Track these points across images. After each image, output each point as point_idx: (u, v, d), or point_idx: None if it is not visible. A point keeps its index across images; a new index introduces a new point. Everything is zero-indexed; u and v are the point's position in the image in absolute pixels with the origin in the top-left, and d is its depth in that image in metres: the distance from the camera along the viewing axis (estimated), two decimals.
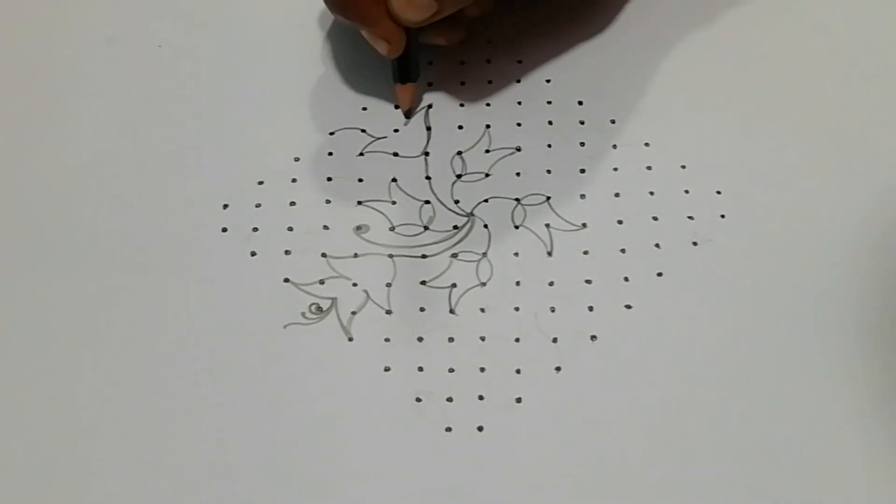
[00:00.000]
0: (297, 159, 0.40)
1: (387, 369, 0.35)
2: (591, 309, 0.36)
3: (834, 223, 0.38)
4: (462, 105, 0.41)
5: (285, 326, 0.35)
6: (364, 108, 0.41)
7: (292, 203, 0.38)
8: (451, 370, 0.35)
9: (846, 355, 0.35)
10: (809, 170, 0.40)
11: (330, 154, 0.40)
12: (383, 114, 0.41)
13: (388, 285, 0.37)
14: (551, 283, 0.37)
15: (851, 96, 0.42)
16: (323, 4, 0.39)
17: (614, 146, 0.40)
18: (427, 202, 0.39)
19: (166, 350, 0.35)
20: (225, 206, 0.38)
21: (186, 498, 0.32)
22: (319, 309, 0.36)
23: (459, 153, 0.40)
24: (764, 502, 0.32)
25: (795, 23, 0.44)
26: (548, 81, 0.42)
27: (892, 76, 0.43)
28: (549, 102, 0.41)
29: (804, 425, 0.34)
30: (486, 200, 0.39)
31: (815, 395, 0.34)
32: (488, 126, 0.41)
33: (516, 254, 0.37)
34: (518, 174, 0.39)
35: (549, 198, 0.39)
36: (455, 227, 0.38)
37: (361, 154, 0.40)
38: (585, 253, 0.37)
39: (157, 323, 0.35)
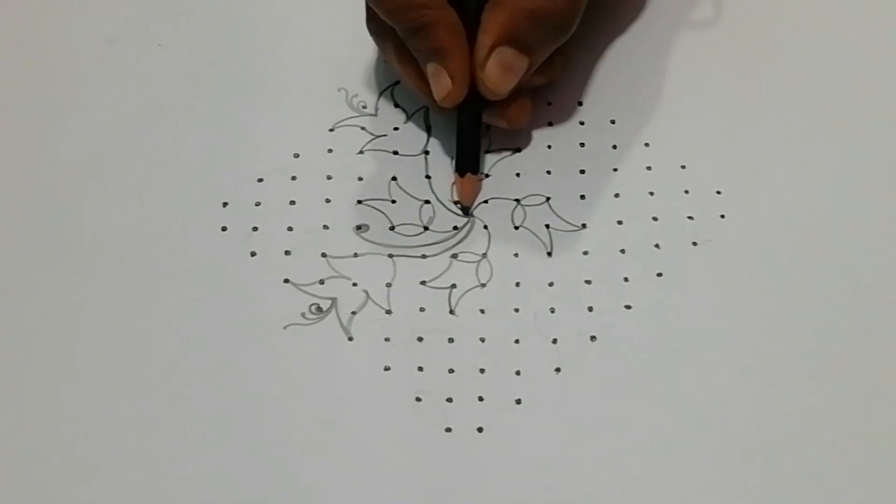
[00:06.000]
0: (296, 155, 0.40)
1: (387, 369, 0.35)
2: (590, 310, 0.36)
3: (834, 223, 0.38)
4: None
5: (285, 327, 0.35)
6: (364, 106, 0.41)
7: (292, 202, 0.38)
8: (451, 370, 0.35)
9: (846, 355, 0.35)
10: (809, 169, 0.40)
11: (330, 151, 0.40)
12: (383, 112, 0.41)
13: (388, 285, 0.37)
14: (551, 284, 0.37)
15: (851, 95, 0.42)
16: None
17: (614, 146, 0.40)
18: (427, 202, 0.39)
19: (165, 350, 0.35)
20: (224, 205, 0.38)
21: (186, 498, 0.32)
22: (319, 309, 0.36)
23: None
24: (764, 502, 0.32)
25: (796, 22, 0.44)
26: None
27: (893, 75, 0.43)
28: (549, 103, 0.41)
29: (804, 425, 0.34)
30: (485, 201, 0.39)
31: (814, 395, 0.34)
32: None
33: (516, 254, 0.37)
34: (518, 175, 0.39)
35: (548, 198, 0.39)
36: (455, 228, 0.38)
37: (361, 152, 0.40)
38: (585, 253, 0.37)
39: (157, 323, 0.35)
